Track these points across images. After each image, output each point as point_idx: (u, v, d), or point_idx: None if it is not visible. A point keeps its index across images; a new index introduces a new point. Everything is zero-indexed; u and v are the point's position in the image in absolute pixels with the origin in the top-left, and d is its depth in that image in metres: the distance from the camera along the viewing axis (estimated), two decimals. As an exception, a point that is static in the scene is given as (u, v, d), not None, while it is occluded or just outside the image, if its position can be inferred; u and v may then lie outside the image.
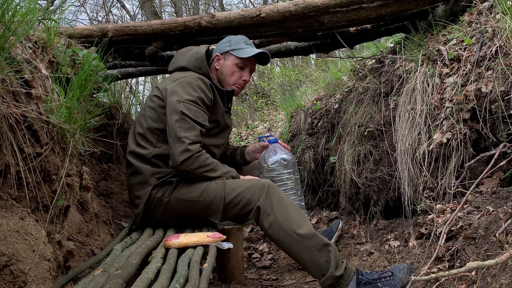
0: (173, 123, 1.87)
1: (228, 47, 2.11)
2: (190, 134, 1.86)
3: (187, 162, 1.85)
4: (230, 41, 2.13)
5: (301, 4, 2.31)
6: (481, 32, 2.01)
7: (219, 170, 1.95)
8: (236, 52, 2.10)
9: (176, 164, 1.86)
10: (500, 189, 1.74)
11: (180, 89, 1.92)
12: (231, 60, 2.11)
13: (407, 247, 2.03)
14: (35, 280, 1.10)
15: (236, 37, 2.16)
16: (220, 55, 2.12)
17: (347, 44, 2.69)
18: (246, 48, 2.11)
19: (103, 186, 2.38)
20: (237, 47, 2.10)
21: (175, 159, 1.85)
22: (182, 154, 1.84)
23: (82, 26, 2.27)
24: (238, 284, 2.12)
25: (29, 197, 1.18)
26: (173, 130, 1.87)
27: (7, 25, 1.20)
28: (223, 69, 2.12)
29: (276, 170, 2.18)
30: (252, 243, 2.86)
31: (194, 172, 1.88)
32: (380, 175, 2.39)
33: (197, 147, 1.87)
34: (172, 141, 1.86)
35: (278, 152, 2.20)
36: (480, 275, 1.39)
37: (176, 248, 1.63)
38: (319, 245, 1.77)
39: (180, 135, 1.85)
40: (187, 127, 1.87)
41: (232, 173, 2.00)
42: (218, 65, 2.12)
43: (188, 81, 1.95)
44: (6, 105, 1.12)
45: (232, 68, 2.11)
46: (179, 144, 1.84)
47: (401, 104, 2.26)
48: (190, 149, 1.84)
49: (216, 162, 1.96)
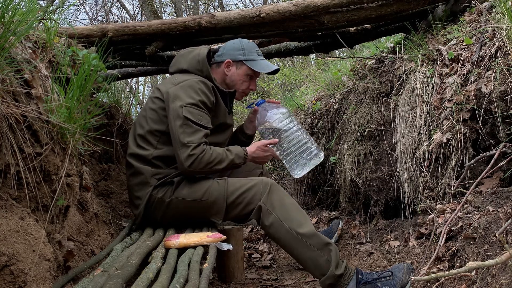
0: (177, 129, 1.87)
1: (242, 56, 2.09)
2: (194, 138, 1.87)
3: (193, 165, 1.86)
4: (243, 49, 2.10)
5: (301, 4, 2.31)
6: (481, 32, 2.01)
7: (226, 159, 1.94)
8: (250, 63, 2.09)
9: (184, 170, 1.89)
10: (500, 189, 1.74)
11: (182, 93, 1.92)
12: (243, 70, 2.10)
13: (407, 247, 2.03)
14: (35, 280, 1.10)
15: (248, 44, 2.14)
16: (232, 62, 2.10)
17: (347, 44, 2.69)
18: (260, 60, 2.11)
19: (103, 186, 2.38)
20: (251, 58, 2.10)
21: (182, 165, 1.87)
22: (187, 160, 1.85)
23: (82, 26, 2.27)
24: (238, 284, 2.12)
25: (29, 197, 1.18)
26: (177, 136, 1.87)
27: (7, 25, 1.20)
28: (234, 77, 2.11)
29: (282, 128, 2.09)
30: (252, 243, 2.86)
31: (204, 171, 1.91)
32: (380, 175, 2.39)
33: (201, 148, 1.87)
34: (177, 147, 1.87)
35: (270, 110, 2.13)
36: (480, 275, 1.39)
37: (176, 248, 1.63)
38: (320, 244, 1.77)
39: (184, 141, 1.86)
40: (190, 132, 1.87)
41: (239, 153, 2.00)
42: (228, 71, 2.11)
43: (190, 85, 1.95)
44: (6, 105, 1.12)
45: (243, 78, 2.11)
46: (184, 149, 1.86)
47: (401, 104, 2.26)
48: (194, 153, 1.85)
49: (221, 152, 1.95)
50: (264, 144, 2.06)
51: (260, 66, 2.10)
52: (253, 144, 2.09)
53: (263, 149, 2.06)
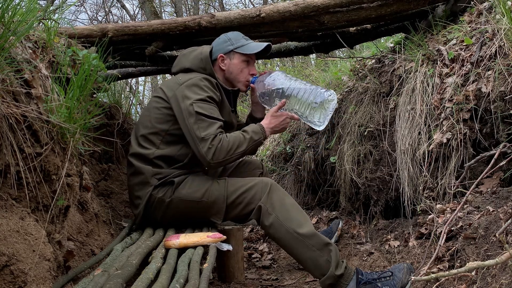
0: (192, 126, 1.87)
1: (231, 46, 2.10)
2: (211, 130, 1.86)
3: (215, 156, 1.85)
4: (230, 39, 2.11)
5: (301, 4, 2.31)
6: (481, 32, 2.01)
7: (245, 140, 1.93)
8: (241, 49, 2.09)
9: (208, 164, 1.88)
10: (500, 189, 1.74)
11: (189, 92, 1.92)
12: (237, 58, 2.10)
13: (407, 247, 2.03)
14: (35, 280, 1.10)
15: (234, 34, 2.15)
16: (224, 55, 2.11)
17: (347, 44, 2.69)
18: (248, 44, 2.11)
19: (103, 186, 2.38)
20: (240, 44, 2.10)
21: (205, 160, 1.86)
22: (208, 153, 1.84)
23: (82, 26, 2.27)
24: (238, 284, 2.12)
25: (29, 197, 1.18)
26: (193, 133, 1.87)
27: (7, 25, 1.20)
28: (231, 69, 2.11)
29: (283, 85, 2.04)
30: (252, 243, 2.86)
31: (228, 159, 1.89)
32: (380, 175, 2.39)
33: (218, 138, 1.86)
34: (196, 143, 1.87)
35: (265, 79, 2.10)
36: (480, 275, 1.39)
37: (176, 248, 1.63)
38: (320, 245, 1.77)
39: (201, 135, 1.85)
40: (205, 126, 1.87)
41: (255, 129, 1.98)
42: (223, 66, 2.11)
43: (195, 83, 1.95)
44: (6, 105, 1.12)
45: (240, 66, 2.10)
46: (203, 143, 1.85)
47: (401, 104, 2.26)
48: (213, 144, 1.85)
49: (238, 135, 1.94)
50: (274, 111, 2.03)
51: (251, 48, 2.10)
52: (265, 117, 2.07)
53: (276, 116, 2.03)
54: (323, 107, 1.96)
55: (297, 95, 2.00)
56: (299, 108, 2.02)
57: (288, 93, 2.02)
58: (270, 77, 2.09)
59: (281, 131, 2.10)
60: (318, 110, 1.97)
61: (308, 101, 1.97)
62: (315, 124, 2.00)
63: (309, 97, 1.97)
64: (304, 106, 2.00)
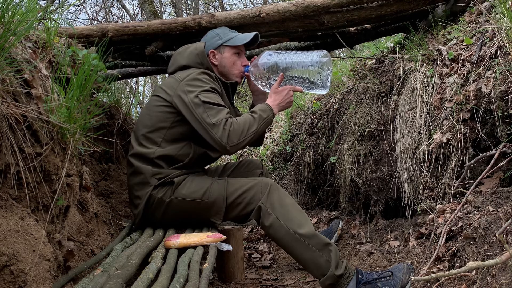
0: (201, 115, 1.87)
1: (220, 40, 2.13)
2: (221, 115, 1.87)
3: (230, 139, 1.85)
4: (218, 34, 2.15)
5: (301, 4, 2.31)
6: (481, 32, 2.01)
7: (255, 120, 1.94)
8: (230, 42, 2.12)
9: (224, 149, 1.88)
10: (500, 189, 1.74)
11: (191, 86, 1.93)
12: (227, 51, 2.13)
13: (407, 247, 2.03)
14: (35, 280, 1.10)
15: (221, 29, 2.19)
16: (214, 50, 2.13)
17: (347, 44, 2.69)
18: (236, 36, 2.14)
19: (103, 186, 2.38)
20: (228, 37, 2.13)
21: (221, 145, 1.86)
22: (223, 136, 1.84)
23: (82, 26, 2.27)
24: (238, 284, 2.12)
25: (29, 197, 1.18)
26: (204, 121, 1.87)
27: (7, 25, 1.20)
28: (223, 62, 2.13)
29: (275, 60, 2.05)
30: (252, 243, 2.86)
31: (243, 141, 1.89)
32: (380, 175, 2.39)
33: (229, 122, 1.87)
34: (208, 131, 1.86)
35: (258, 63, 2.10)
36: (480, 275, 1.39)
37: (176, 248, 1.63)
38: (320, 245, 1.77)
39: (212, 121, 1.86)
40: (215, 112, 1.88)
41: (262, 108, 1.98)
42: (216, 61, 2.13)
43: (195, 77, 1.96)
44: (6, 105, 1.12)
45: (232, 58, 2.13)
46: (215, 129, 1.85)
47: (401, 104, 2.26)
48: (225, 128, 1.85)
49: (246, 116, 1.95)
50: (275, 87, 2.04)
51: (239, 40, 2.13)
52: (268, 96, 2.08)
53: (278, 91, 2.03)
54: (320, 67, 1.98)
55: (291, 65, 2.02)
56: (298, 77, 2.04)
57: (282, 67, 2.05)
58: (261, 59, 2.11)
59: (287, 105, 2.08)
60: (316, 72, 1.99)
61: (303, 67, 2.00)
62: (319, 87, 2.01)
63: (304, 62, 2.00)
64: (301, 72, 2.02)
